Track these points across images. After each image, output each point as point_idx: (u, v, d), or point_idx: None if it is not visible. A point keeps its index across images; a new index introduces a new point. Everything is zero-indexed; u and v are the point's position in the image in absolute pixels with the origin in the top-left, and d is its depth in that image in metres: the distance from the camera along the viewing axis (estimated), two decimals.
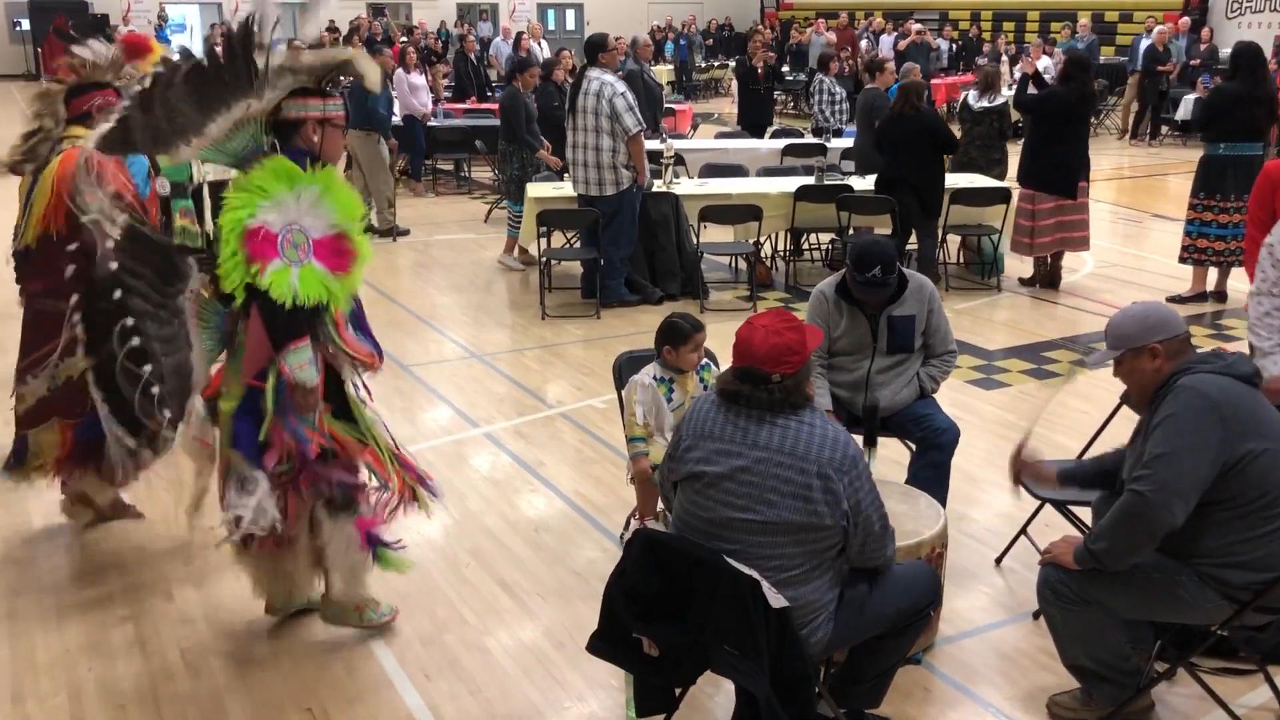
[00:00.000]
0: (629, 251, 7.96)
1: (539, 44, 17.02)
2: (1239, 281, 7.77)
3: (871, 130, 9.14)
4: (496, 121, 12.82)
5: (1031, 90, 8.27)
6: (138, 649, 3.77)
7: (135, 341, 3.22)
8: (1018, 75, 9.74)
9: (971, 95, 9.50)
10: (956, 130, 8.96)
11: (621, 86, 7.63)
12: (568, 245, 8.66)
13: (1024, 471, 3.69)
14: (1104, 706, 3.28)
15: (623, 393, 4.26)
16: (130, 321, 3.21)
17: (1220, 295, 8.07)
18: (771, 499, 2.75)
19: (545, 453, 5.47)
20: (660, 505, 4.11)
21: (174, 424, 3.36)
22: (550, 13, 30.91)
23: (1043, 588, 3.25)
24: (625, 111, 7.50)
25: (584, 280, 8.23)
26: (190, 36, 27.50)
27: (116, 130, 3.16)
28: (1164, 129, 17.25)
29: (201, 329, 3.44)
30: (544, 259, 8.07)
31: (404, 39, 18.93)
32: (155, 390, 3.25)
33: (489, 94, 16.08)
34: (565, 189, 8.14)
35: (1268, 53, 19.56)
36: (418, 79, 12.34)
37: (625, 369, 4.38)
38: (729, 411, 2.86)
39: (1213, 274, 8.10)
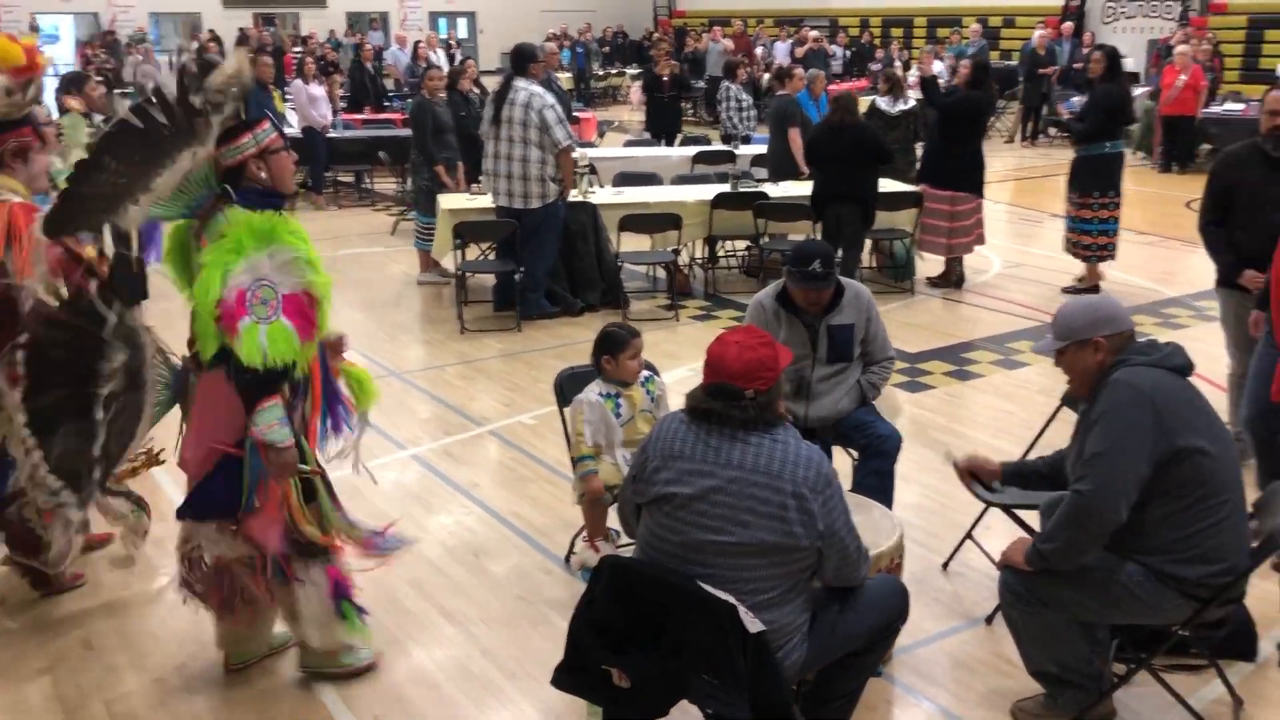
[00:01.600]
0: (550, 264, 7.83)
1: (436, 53, 16.76)
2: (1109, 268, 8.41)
3: (783, 136, 9.21)
4: (399, 132, 12.65)
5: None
6: (56, 705, 3.51)
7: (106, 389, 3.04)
8: (913, 79, 9.92)
9: (882, 101, 9.61)
10: None
11: (551, 98, 7.49)
12: (482, 257, 8.49)
13: (972, 473, 3.69)
14: (1068, 711, 3.28)
15: (567, 412, 4.15)
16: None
17: (1096, 286, 8.39)
18: (746, 520, 2.68)
19: (478, 473, 5.32)
20: (617, 526, 4.01)
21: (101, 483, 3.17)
22: (442, 21, 30.51)
23: (1004, 591, 3.25)
24: (556, 124, 7.36)
25: (498, 293, 8.08)
26: (62, 46, 26.38)
27: (62, 209, 2.98)
28: (1052, 130, 17.78)
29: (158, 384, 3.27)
30: (461, 272, 7.88)
31: (297, 49, 18.44)
32: (98, 446, 3.07)
33: (386, 103, 15.78)
34: (479, 200, 7.97)
35: (1144, 57, 20.48)
36: (316, 89, 12.02)
37: (567, 386, 4.27)
38: (699, 430, 2.78)
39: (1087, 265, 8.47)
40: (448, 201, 8.19)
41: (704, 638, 2.62)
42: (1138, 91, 17.11)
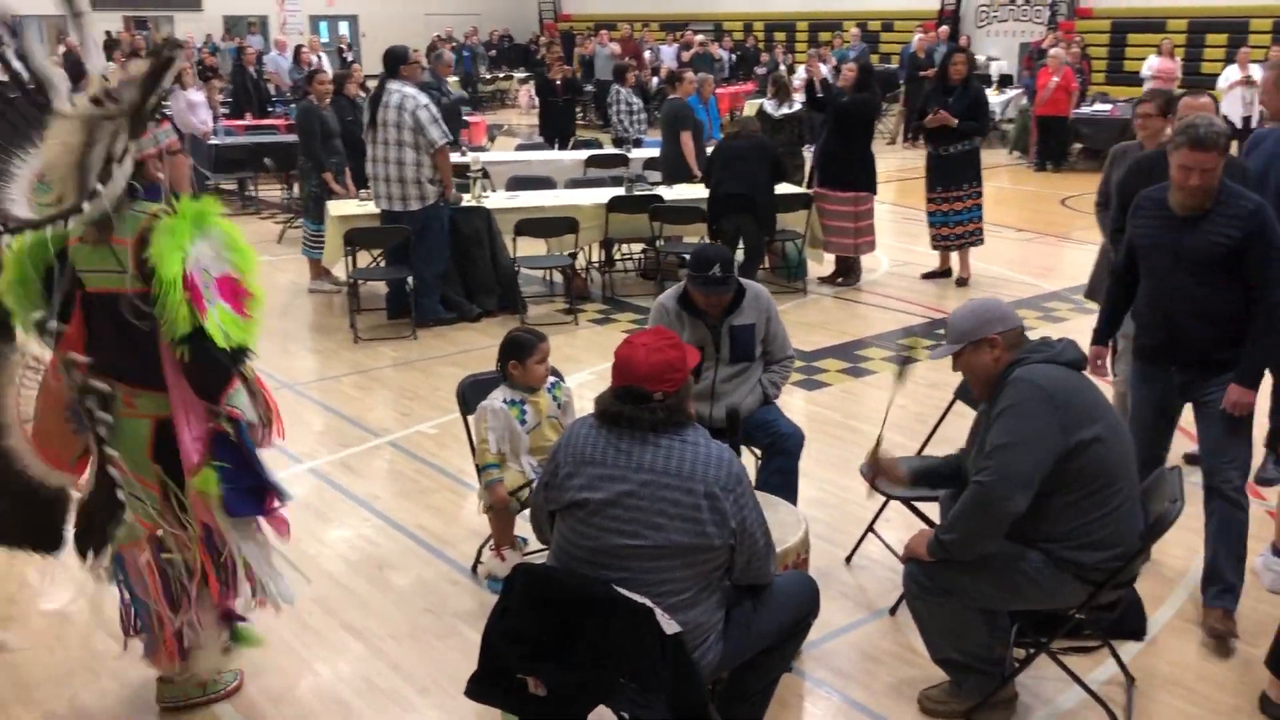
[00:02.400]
0: (442, 268, 7.74)
1: (321, 56, 16.42)
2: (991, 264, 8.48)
3: (676, 139, 9.26)
4: (283, 138, 12.35)
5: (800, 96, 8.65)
6: None
7: None
8: (798, 83, 10.10)
9: (769, 104, 9.75)
10: None
11: (424, 99, 7.42)
12: (374, 264, 8.35)
13: (881, 474, 3.76)
14: (972, 697, 3.37)
15: (470, 420, 4.10)
16: None
17: (965, 279, 8.91)
18: (659, 522, 2.68)
19: (378, 485, 5.22)
20: (524, 534, 3.98)
21: None
22: (323, 25, 29.91)
23: (908, 582, 3.32)
24: (430, 124, 7.29)
25: (391, 300, 7.96)
26: None
27: None
28: None
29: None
30: (352, 279, 7.73)
31: None
32: None
33: (270, 109, 15.41)
34: (369, 206, 7.84)
35: (1015, 60, 21.20)
36: (196, 95, 11.67)
37: (470, 394, 4.22)
38: (610, 434, 2.77)
39: (954, 257, 8.95)
40: (337, 208, 8.03)
41: (621, 642, 2.61)
42: (1012, 93, 17.76)
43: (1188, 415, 4.00)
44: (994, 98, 17.68)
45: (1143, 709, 3.45)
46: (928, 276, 9.08)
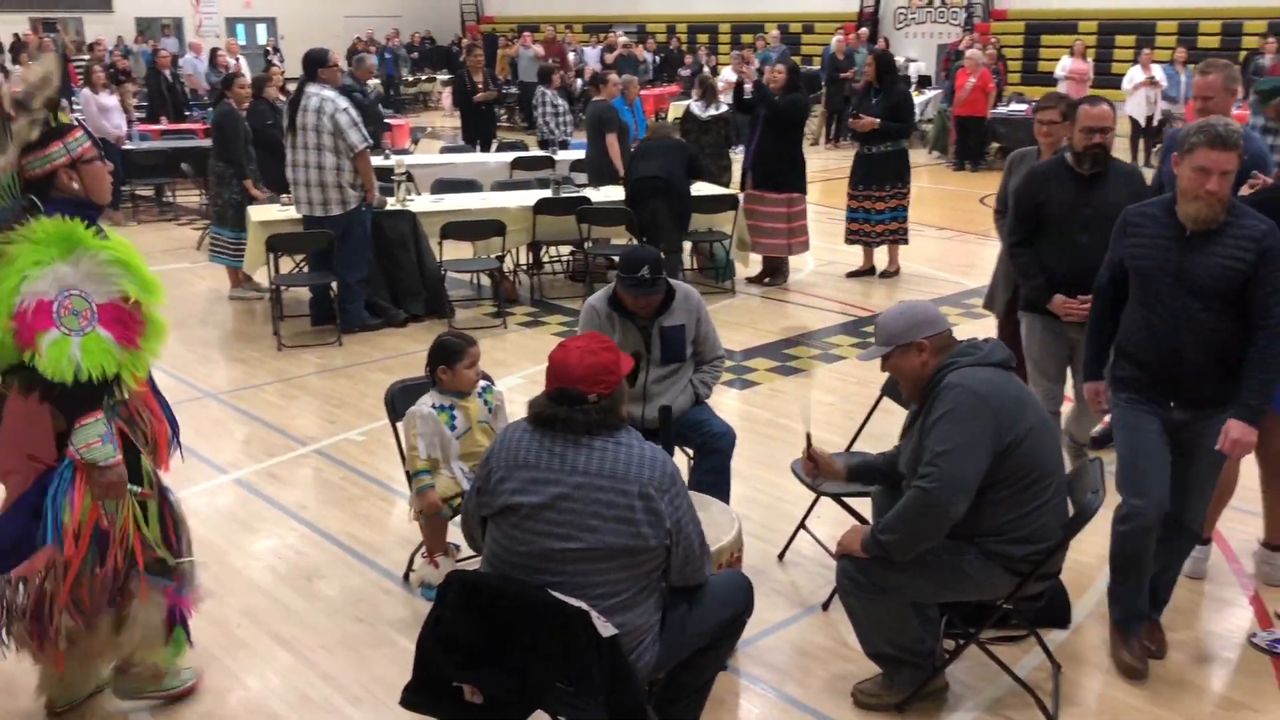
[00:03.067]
0: (366, 273, 7.64)
1: (237, 59, 16.11)
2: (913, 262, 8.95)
3: (602, 141, 9.26)
4: (201, 142, 12.08)
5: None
6: None
7: None
8: (723, 84, 10.17)
9: (696, 106, 9.79)
10: None
11: (344, 102, 7.32)
12: (296, 270, 8.21)
13: (816, 469, 3.79)
14: (905, 689, 3.42)
15: (399, 426, 4.05)
16: None
17: (895, 272, 9.18)
18: (594, 525, 2.67)
19: (306, 494, 5.13)
20: (456, 540, 3.94)
21: None
22: (240, 27, 29.38)
23: (841, 579, 3.35)
24: (350, 127, 7.20)
25: (315, 306, 7.84)
26: None
27: None
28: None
29: None
30: (275, 286, 7.60)
31: (83, 56, 17.40)
32: None
33: (187, 113, 15.09)
34: (290, 211, 7.70)
35: (934, 62, 21.58)
36: (108, 99, 11.37)
37: (398, 399, 4.16)
38: (543, 437, 2.75)
39: (878, 254, 9.24)
40: (258, 214, 7.89)
41: (557, 646, 2.60)
42: (930, 94, 18.07)
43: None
44: (913, 98, 18.00)
45: (1069, 694, 3.53)
46: (853, 275, 9.24)
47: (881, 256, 9.28)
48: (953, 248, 10.49)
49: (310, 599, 4.17)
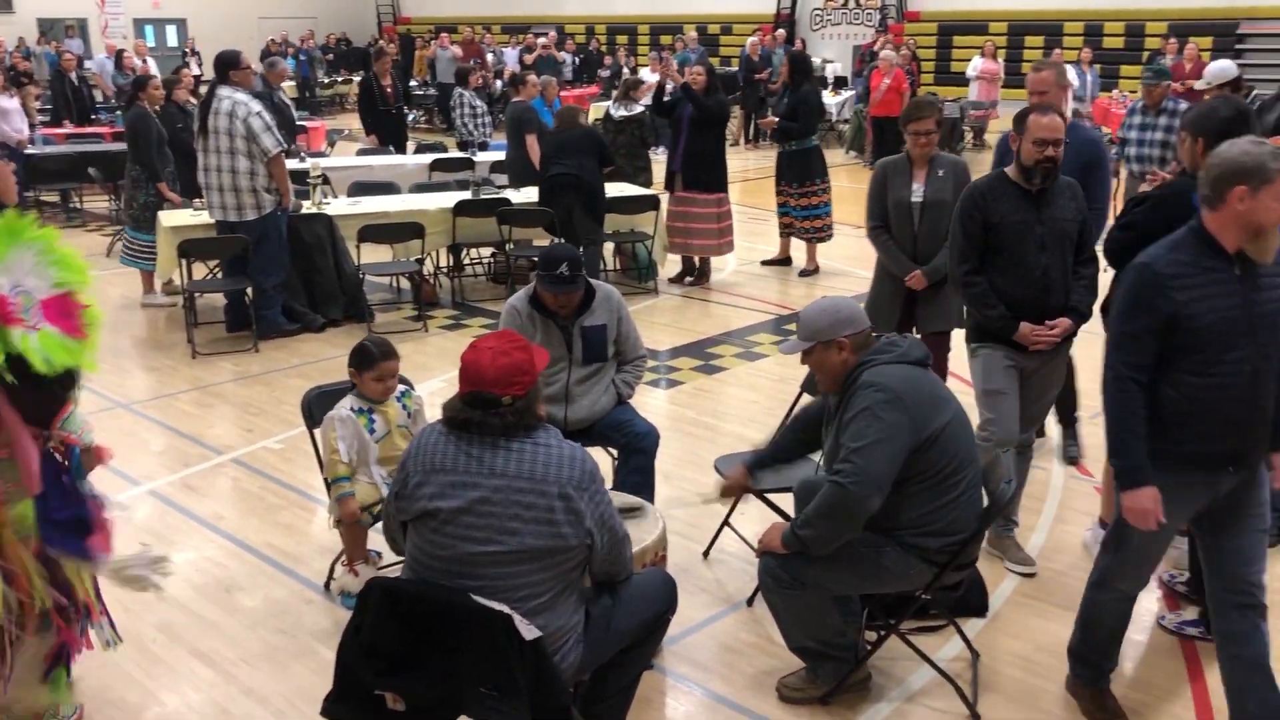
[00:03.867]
0: (282, 278, 7.51)
1: (145, 60, 15.73)
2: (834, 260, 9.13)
3: (521, 142, 9.22)
4: (109, 146, 11.78)
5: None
6: None
7: None
8: (646, 85, 10.20)
9: (613, 106, 9.80)
10: None
11: (257, 105, 7.19)
12: (211, 276, 8.04)
13: (736, 492, 3.85)
14: (828, 682, 3.46)
15: (318, 432, 3.99)
16: None
17: (814, 270, 9.36)
18: (514, 527, 2.66)
19: (223, 505, 5.03)
20: (377, 548, 3.89)
21: None
22: (148, 28, 28.65)
23: (763, 575, 3.38)
24: (263, 131, 7.07)
25: (230, 312, 7.69)
26: None
27: None
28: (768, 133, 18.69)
29: None
30: (188, 292, 7.43)
31: None
32: None
33: (94, 116, 14.69)
34: (203, 216, 7.54)
35: (850, 62, 21.87)
36: (8, 102, 11.03)
37: (315, 405, 4.10)
38: (459, 441, 2.73)
39: (796, 249, 9.49)
40: (169, 219, 7.71)
41: (480, 650, 2.58)
42: (846, 94, 18.32)
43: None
44: (830, 99, 18.23)
45: (987, 681, 3.60)
46: (767, 264, 9.48)
47: (801, 254, 9.44)
48: (870, 246, 10.62)
49: (229, 611, 4.09)
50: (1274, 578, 4.17)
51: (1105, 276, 3.98)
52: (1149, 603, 4.08)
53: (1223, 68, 6.73)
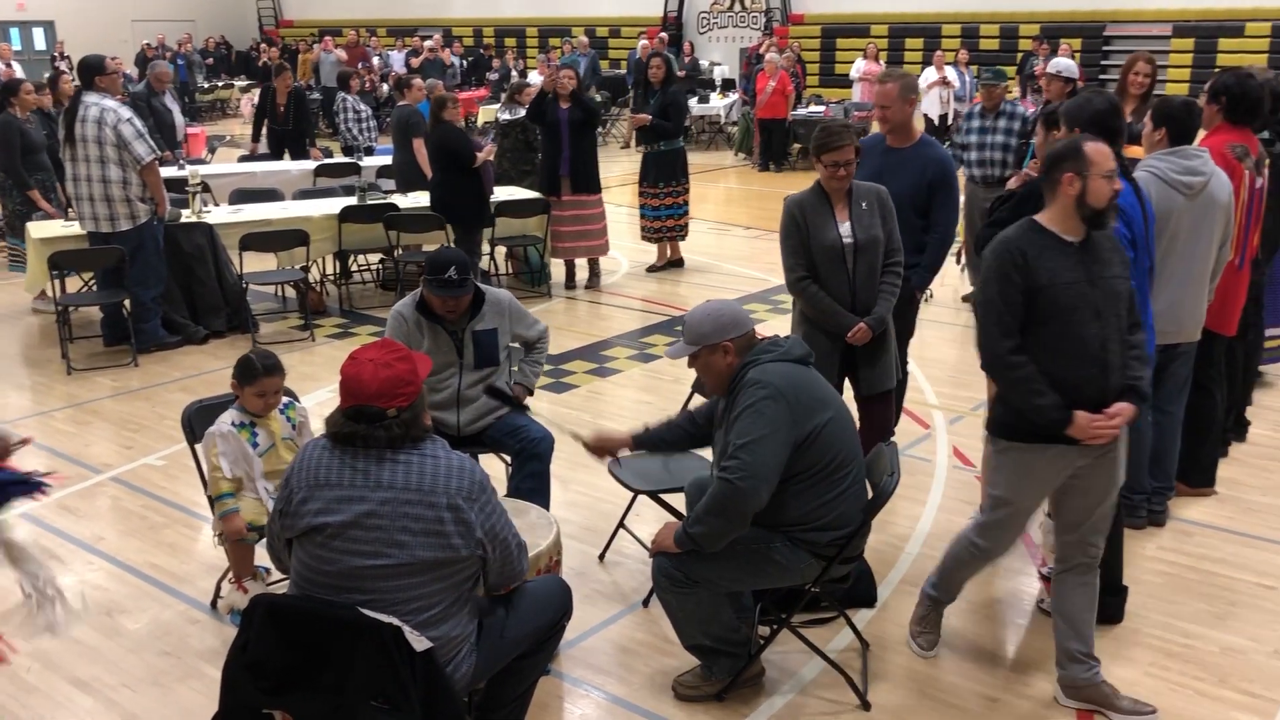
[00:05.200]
0: (161, 289, 7.29)
1: (9, 64, 15.10)
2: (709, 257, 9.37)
3: (408, 146, 9.12)
4: None
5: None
6: None
7: None
8: (531, 87, 10.18)
9: (502, 110, 9.76)
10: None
11: (126, 112, 6.96)
12: (85, 289, 7.76)
13: (606, 451, 3.85)
14: (723, 678, 3.51)
15: (199, 447, 3.88)
16: None
17: (681, 262, 9.64)
18: (403, 540, 2.63)
19: (102, 525, 4.86)
20: (266, 563, 3.80)
21: None
22: (14, 31, 27.48)
23: (657, 575, 3.41)
24: (134, 139, 6.85)
25: (106, 326, 7.44)
26: None
27: None
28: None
29: None
30: (61, 306, 7.15)
31: None
32: None
33: None
34: (75, 227, 7.27)
35: (737, 65, 22.14)
36: None
37: (196, 420, 4.00)
38: (344, 454, 2.69)
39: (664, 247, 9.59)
40: (38, 230, 7.42)
41: (370, 664, 2.55)
42: (734, 97, 18.54)
43: None
44: (718, 101, 18.44)
45: (877, 671, 3.69)
46: (652, 270, 9.58)
47: (652, 254, 9.69)
48: (760, 246, 10.78)
49: (111, 636, 3.95)
50: (1195, 555, 4.38)
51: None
52: (1030, 588, 4.22)
53: (1068, 64, 6.89)
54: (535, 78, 16.80)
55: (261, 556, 3.95)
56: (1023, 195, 4.06)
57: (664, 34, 21.14)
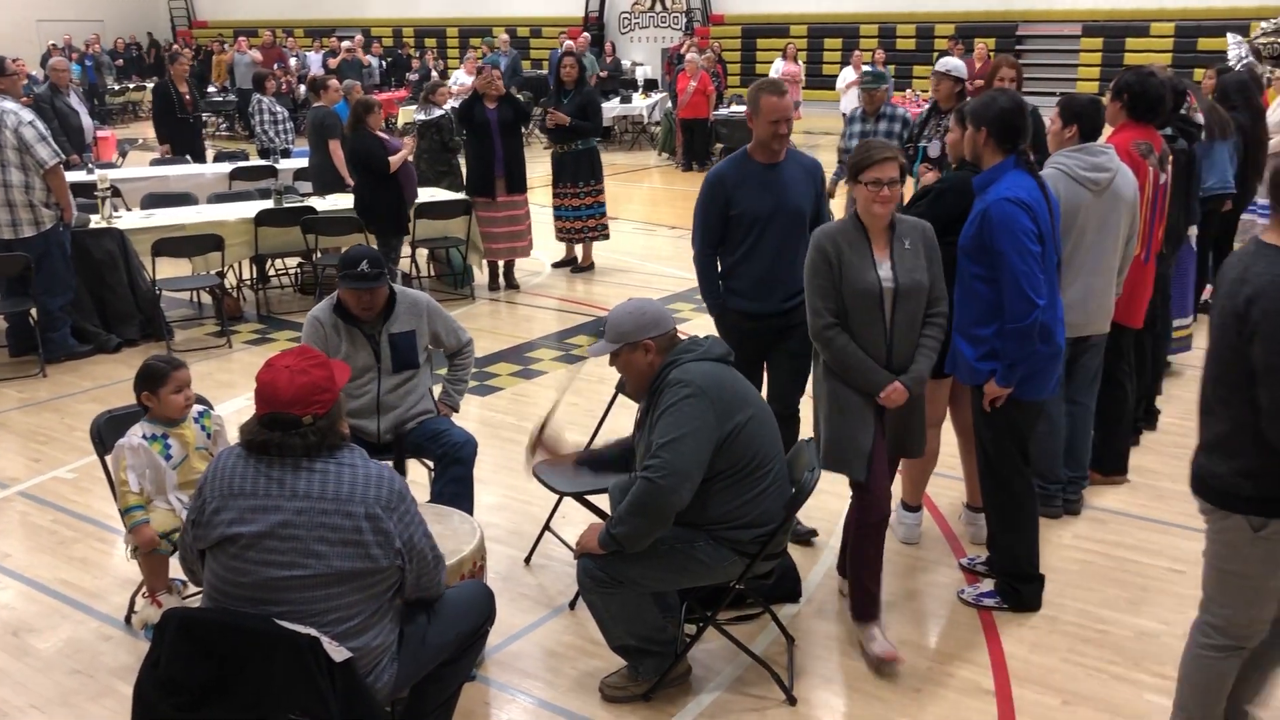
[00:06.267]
0: (69, 297, 7.08)
1: None
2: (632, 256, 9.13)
3: (324, 149, 8.98)
4: None
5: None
6: None
7: None
8: (456, 87, 10.11)
9: (419, 110, 9.66)
10: None
11: (29, 115, 6.76)
12: None
13: (541, 447, 3.81)
14: (650, 678, 3.50)
15: (108, 460, 3.77)
16: None
17: (591, 265, 9.61)
18: (319, 550, 2.58)
19: (8, 542, 4.70)
20: (181, 576, 3.71)
21: None
22: None
23: (582, 577, 3.40)
24: (37, 142, 6.65)
25: (11, 336, 7.21)
26: None
27: None
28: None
29: None
30: None
31: None
32: None
33: None
34: None
35: (659, 65, 22.20)
36: None
37: (105, 431, 3.89)
38: (259, 463, 2.63)
39: (579, 248, 9.59)
40: None
41: (287, 676, 2.50)
42: (656, 97, 18.58)
43: None
44: (641, 101, 18.47)
45: (803, 665, 3.72)
46: (558, 266, 9.64)
47: (577, 251, 9.65)
48: (685, 246, 10.81)
49: (19, 656, 3.82)
50: (1105, 542, 4.48)
51: None
52: (951, 577, 4.29)
53: (956, 64, 6.83)
54: (463, 77, 16.66)
55: (177, 569, 3.86)
56: (939, 191, 4.13)
57: (587, 34, 21.12)
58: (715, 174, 4.39)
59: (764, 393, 4.38)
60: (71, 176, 7.64)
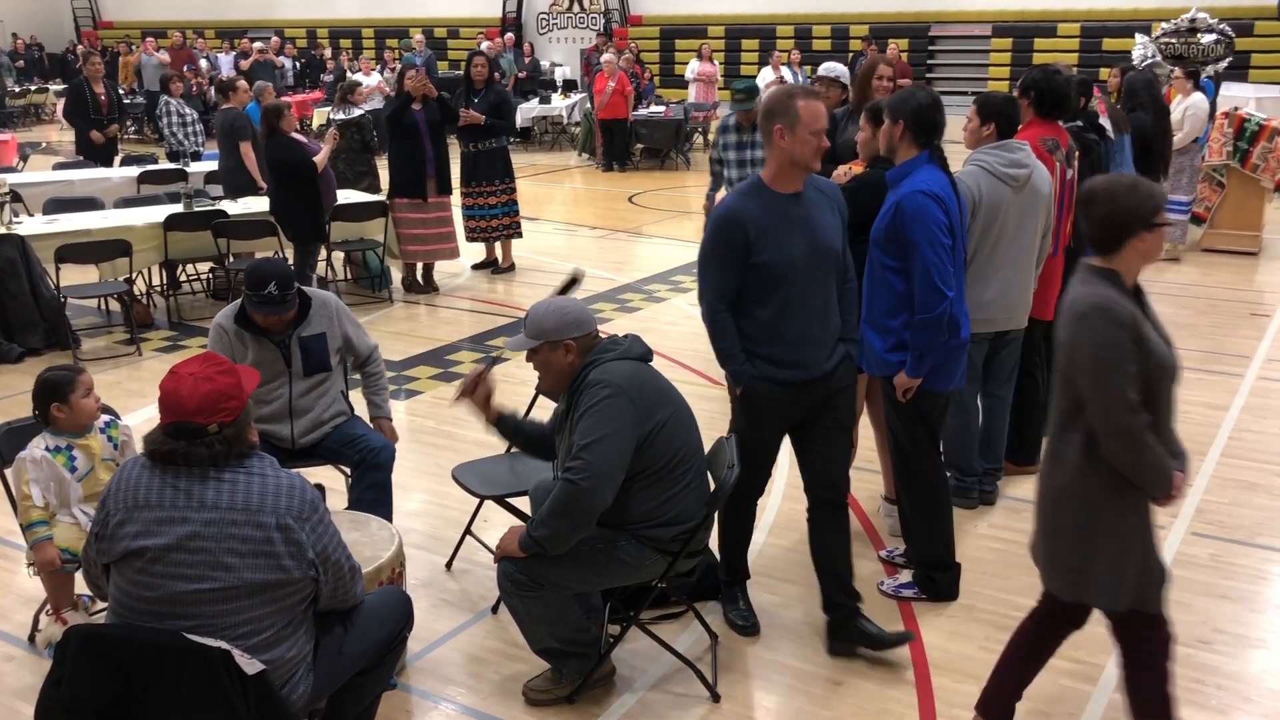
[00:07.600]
0: None
1: None
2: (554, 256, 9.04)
3: (235, 152, 8.81)
4: None
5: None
6: None
7: None
8: (370, 86, 9.97)
9: (336, 112, 9.51)
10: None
11: None
12: None
13: (475, 393, 3.71)
14: (574, 679, 3.48)
15: (9, 473, 3.64)
16: None
17: (512, 266, 9.56)
18: (229, 562, 2.51)
19: None
20: (87, 592, 3.59)
21: None
22: None
23: (503, 580, 3.36)
24: None
25: None
26: None
27: None
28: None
29: None
30: None
31: None
32: None
33: None
34: None
35: (578, 66, 22.17)
36: None
37: (5, 443, 3.75)
38: (165, 474, 2.55)
39: (497, 248, 9.55)
40: None
41: (196, 692, 2.43)
42: (576, 97, 18.54)
43: None
44: (560, 102, 18.41)
45: (727, 662, 3.73)
46: (477, 268, 9.56)
47: (496, 252, 9.61)
48: (606, 246, 10.82)
49: None
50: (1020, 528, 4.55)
51: None
52: (871, 570, 4.33)
53: (841, 69, 6.68)
54: (373, 78, 16.45)
55: (83, 585, 3.74)
56: (854, 189, 4.17)
57: (510, 34, 21.00)
58: (731, 213, 3.51)
59: (782, 474, 4.30)
60: None
